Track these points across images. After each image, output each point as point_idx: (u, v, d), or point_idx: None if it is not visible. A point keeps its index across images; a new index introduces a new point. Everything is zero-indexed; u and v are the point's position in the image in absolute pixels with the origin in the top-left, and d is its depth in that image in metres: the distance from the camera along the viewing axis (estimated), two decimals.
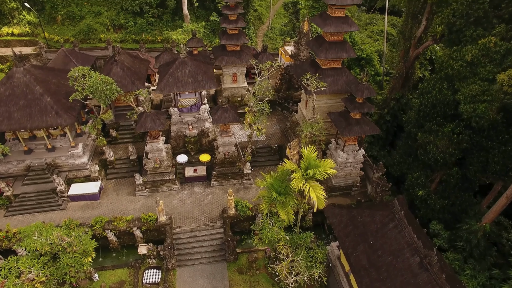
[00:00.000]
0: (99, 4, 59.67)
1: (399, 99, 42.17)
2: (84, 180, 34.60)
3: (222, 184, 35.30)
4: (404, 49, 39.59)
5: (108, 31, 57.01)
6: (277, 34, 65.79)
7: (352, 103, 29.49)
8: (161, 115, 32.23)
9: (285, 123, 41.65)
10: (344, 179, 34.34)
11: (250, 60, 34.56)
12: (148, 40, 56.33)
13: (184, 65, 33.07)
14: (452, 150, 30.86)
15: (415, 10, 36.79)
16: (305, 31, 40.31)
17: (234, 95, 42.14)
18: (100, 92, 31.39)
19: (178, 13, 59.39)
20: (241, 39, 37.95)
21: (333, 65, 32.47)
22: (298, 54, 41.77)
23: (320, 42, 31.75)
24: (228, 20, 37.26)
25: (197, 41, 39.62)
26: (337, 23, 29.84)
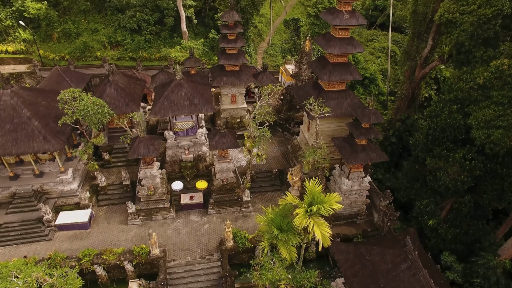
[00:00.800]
0: (96, 21, 58.65)
1: (405, 120, 40.47)
2: (74, 208, 32.63)
3: (220, 212, 33.32)
4: (410, 69, 38.11)
5: (105, 49, 55.77)
6: (278, 51, 64.62)
7: (358, 128, 27.76)
8: (155, 140, 30.48)
9: (286, 146, 39.87)
10: (349, 207, 32.39)
11: (250, 84, 32.97)
12: (145, 58, 55.03)
13: (180, 87, 31.47)
14: (464, 177, 28.98)
15: (420, 29, 35.43)
16: (306, 51, 38.90)
17: (233, 116, 40.48)
18: (91, 116, 29.73)
19: (176, 30, 58.30)
20: (240, 59, 36.49)
21: (337, 88, 30.87)
22: (300, 73, 40.28)
23: (323, 64, 30.21)
24: (226, 40, 35.85)
25: (194, 61, 38.16)
26: (341, 44, 28.33)
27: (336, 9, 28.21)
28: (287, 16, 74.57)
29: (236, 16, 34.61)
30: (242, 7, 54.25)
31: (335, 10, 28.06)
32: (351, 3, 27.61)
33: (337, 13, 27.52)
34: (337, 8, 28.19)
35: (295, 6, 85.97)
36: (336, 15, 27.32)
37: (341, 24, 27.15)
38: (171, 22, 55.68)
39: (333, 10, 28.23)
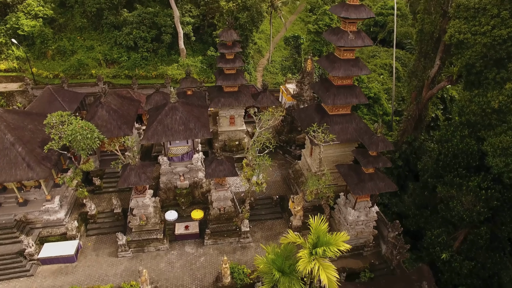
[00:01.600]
0: (92, 38, 57.34)
1: (412, 143, 38.61)
2: (60, 239, 30.37)
3: (217, 243, 31.07)
4: (416, 89, 36.40)
5: (100, 66, 54.29)
6: (278, 68, 63.23)
7: (365, 156, 25.79)
8: (147, 168, 28.47)
9: (287, 170, 37.85)
10: (355, 239, 30.13)
11: (249, 110, 31.14)
12: (141, 76, 53.51)
13: (175, 111, 29.63)
14: (479, 208, 26.90)
15: (427, 49, 33.84)
16: (308, 70, 37.25)
17: (232, 138, 38.58)
18: (80, 141, 27.80)
19: (174, 48, 56.96)
20: (239, 80, 34.80)
21: (342, 111, 29.04)
22: (301, 94, 38.56)
23: (327, 86, 28.43)
24: (224, 59, 34.21)
25: (191, 81, 36.46)
26: (346, 66, 26.61)
27: (340, 29, 26.59)
28: (287, 33, 73.57)
29: (234, 35, 33.04)
30: (241, 24, 53.04)
31: (339, 30, 26.43)
32: (356, 23, 26.00)
33: (342, 33, 25.88)
34: (341, 28, 26.57)
35: (295, 22, 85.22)
36: (340, 36, 25.66)
37: (346, 45, 25.48)
38: (169, 39, 54.35)
39: (337, 30, 26.61)
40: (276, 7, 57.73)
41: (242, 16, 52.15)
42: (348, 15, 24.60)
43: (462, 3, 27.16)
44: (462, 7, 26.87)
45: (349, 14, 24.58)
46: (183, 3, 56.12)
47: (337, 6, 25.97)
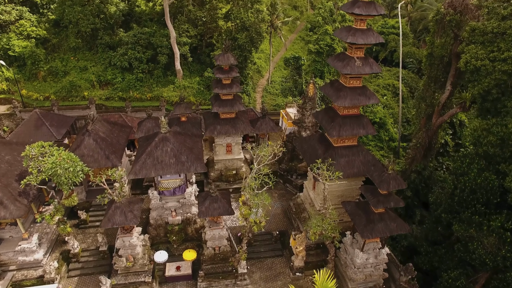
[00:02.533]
0: (86, 58, 55.49)
1: (421, 172, 36.05)
2: (36, 283, 27.45)
3: (211, 285, 28.11)
4: (426, 115, 34.09)
5: (94, 88, 52.22)
6: (278, 89, 61.16)
7: (374, 195, 23.20)
8: (135, 205, 25.85)
9: (288, 201, 35.19)
10: (364, 283, 27.26)
11: (246, 147, 28.73)
12: (136, 98, 51.38)
13: (166, 142, 27.19)
14: (505, 252, 24.13)
15: (437, 74, 31.68)
16: (310, 95, 35.01)
17: (228, 167, 36.05)
18: (61, 175, 25.28)
19: (170, 68, 55.00)
20: (236, 106, 32.51)
21: (347, 143, 26.60)
22: (303, 120, 36.23)
23: (331, 116, 26.06)
24: (221, 85, 32.00)
25: (185, 107, 34.18)
26: (353, 95, 24.31)
27: (346, 54, 24.40)
28: (287, 52, 71.99)
29: (231, 59, 30.91)
30: (240, 44, 51.20)
31: (345, 56, 24.23)
32: (363, 48, 23.83)
33: (348, 59, 23.67)
34: (347, 54, 24.38)
35: (295, 41, 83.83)
36: (346, 62, 23.43)
37: (352, 73, 23.24)
38: (165, 60, 52.43)
39: (343, 56, 24.40)
40: (276, 27, 56.10)
41: (241, 37, 50.36)
42: (355, 40, 22.45)
43: (477, 27, 25.08)
44: (478, 31, 24.80)
45: (356, 40, 22.42)
46: (180, 23, 54.48)
47: (342, 30, 23.85)
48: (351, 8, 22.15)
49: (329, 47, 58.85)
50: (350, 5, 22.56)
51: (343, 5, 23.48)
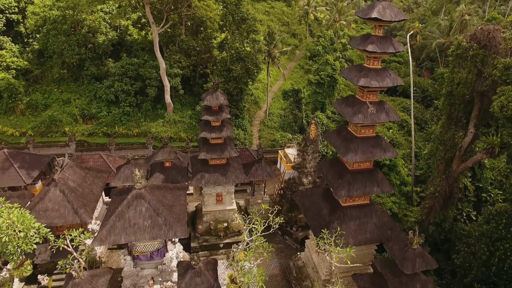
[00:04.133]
0: (71, 90, 51.81)
1: (441, 224, 31.37)
2: None
3: None
4: (445, 161, 29.74)
5: (76, 123, 48.19)
6: (276, 122, 57.21)
7: (395, 274, 18.49)
8: (99, 279, 21.06)
9: (287, 260, 30.31)
10: None
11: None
12: (121, 134, 47.25)
13: (140, 201, 22.69)
14: None
15: (458, 115, 27.59)
16: (311, 138, 30.77)
17: (219, 219, 31.39)
18: (7, 244, 20.59)
19: (160, 101, 51.22)
20: (227, 151, 28.19)
21: (358, 202, 22.10)
22: (304, 165, 31.88)
23: (339, 170, 21.69)
24: (209, 127, 27.81)
25: (169, 152, 29.93)
26: (365, 147, 20.03)
27: (357, 99, 20.29)
28: (286, 83, 68.64)
29: (221, 98, 26.88)
30: (235, 76, 47.58)
31: (355, 101, 20.10)
32: (377, 92, 19.75)
33: (359, 105, 19.53)
34: (357, 98, 20.27)
35: (294, 70, 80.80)
36: (357, 109, 19.28)
37: (366, 122, 19.05)
38: (154, 92, 48.71)
39: (353, 101, 20.27)
40: (274, 57, 52.74)
41: (236, 68, 46.79)
42: (367, 83, 18.41)
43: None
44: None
45: (369, 82, 18.39)
46: (171, 53, 51.15)
47: (352, 70, 19.83)
48: (363, 44, 18.24)
49: (331, 78, 55.29)
50: (361, 40, 18.66)
51: (352, 41, 19.58)
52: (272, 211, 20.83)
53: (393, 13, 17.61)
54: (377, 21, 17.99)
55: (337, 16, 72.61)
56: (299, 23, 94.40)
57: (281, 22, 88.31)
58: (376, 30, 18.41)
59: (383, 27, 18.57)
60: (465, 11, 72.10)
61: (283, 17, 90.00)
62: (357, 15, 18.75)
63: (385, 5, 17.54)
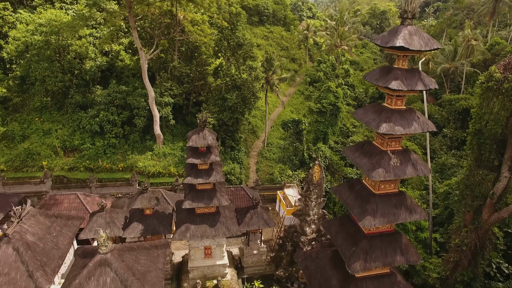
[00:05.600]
0: (53, 120, 47.87)
1: (470, 283, 26.63)
2: None
3: None
4: (473, 210, 25.37)
5: (57, 155, 43.98)
6: (275, 153, 53.09)
7: None
8: None
9: None
10: None
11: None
12: (105, 168, 42.96)
13: (105, 269, 18.21)
14: None
15: (490, 156, 23.48)
16: (315, 181, 26.49)
17: (207, 275, 26.70)
18: None
19: (150, 132, 47.22)
20: (216, 199, 23.90)
21: (375, 271, 17.55)
22: (306, 212, 27.48)
23: (352, 233, 17.32)
24: (195, 171, 23.63)
25: (149, 198, 25.62)
26: (385, 208, 15.74)
27: (374, 146, 16.18)
28: (285, 112, 65.04)
29: (209, 138, 22.83)
30: (231, 106, 43.83)
31: (373, 149, 15.96)
32: (400, 139, 15.65)
33: (378, 156, 15.40)
34: (375, 145, 16.17)
35: (293, 95, 77.52)
36: (376, 161, 15.13)
37: (388, 178, 14.84)
38: (142, 123, 44.79)
39: (370, 148, 16.13)
40: (272, 84, 49.21)
41: (231, 97, 43.09)
42: (390, 130, 14.36)
43: None
44: None
45: (393, 129, 14.31)
46: (162, 80, 47.57)
47: (368, 111, 15.81)
48: (384, 80, 14.33)
49: (333, 106, 51.63)
50: (381, 75, 14.75)
51: (369, 75, 15.67)
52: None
53: (422, 40, 13.78)
54: (402, 51, 14.14)
55: (338, 41, 69.80)
56: (299, 47, 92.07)
57: (280, 46, 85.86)
58: (400, 61, 14.55)
59: (408, 58, 14.67)
60: (471, 36, 69.40)
61: (282, 41, 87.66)
62: (375, 43, 14.97)
63: (411, 30, 13.73)
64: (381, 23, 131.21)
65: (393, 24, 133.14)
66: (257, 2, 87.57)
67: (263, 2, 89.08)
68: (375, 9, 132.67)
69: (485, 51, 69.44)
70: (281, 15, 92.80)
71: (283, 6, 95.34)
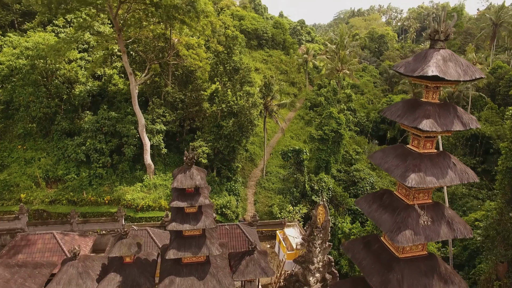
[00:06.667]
0: (37, 147, 44.83)
1: None
2: None
3: None
4: (507, 260, 21.97)
5: (38, 187, 40.66)
6: (274, 182, 49.86)
7: None
8: None
9: None
10: None
11: None
12: (90, 202, 39.59)
13: None
14: None
15: None
16: (319, 224, 23.15)
17: None
18: None
19: (140, 161, 44.09)
20: (206, 248, 20.57)
21: None
22: (310, 259, 23.87)
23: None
24: (181, 215, 20.39)
25: (128, 245, 22.21)
26: (412, 278, 12.41)
27: (397, 198, 13.06)
28: (285, 139, 62.26)
29: (197, 178, 19.73)
30: (226, 134, 40.97)
31: (395, 203, 12.84)
32: (430, 190, 12.55)
33: (403, 212, 12.27)
34: (398, 197, 13.04)
35: (293, 120, 74.96)
36: (401, 219, 11.95)
37: (418, 242, 11.66)
38: (131, 152, 41.74)
39: (391, 200, 13.01)
40: (271, 111, 46.57)
41: (227, 125, 40.27)
42: (421, 182, 11.28)
43: None
44: None
45: (423, 181, 11.23)
46: (155, 106, 44.91)
47: (389, 154, 12.84)
48: (411, 118, 11.43)
49: (335, 133, 48.85)
50: (406, 111, 11.85)
51: (390, 110, 12.77)
52: None
53: (460, 68, 11.00)
54: (434, 81, 11.27)
55: (339, 65, 67.83)
56: (298, 71, 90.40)
57: (279, 70, 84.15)
58: (430, 94, 11.73)
59: (440, 90, 11.80)
60: (476, 60, 67.68)
61: (281, 65, 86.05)
62: (396, 71, 12.19)
63: (445, 55, 10.95)
64: (379, 46, 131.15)
65: (391, 47, 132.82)
66: (256, 26, 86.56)
67: (262, 26, 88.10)
68: (373, 33, 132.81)
69: (488, 74, 67.60)
70: (280, 39, 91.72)
71: (282, 30, 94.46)
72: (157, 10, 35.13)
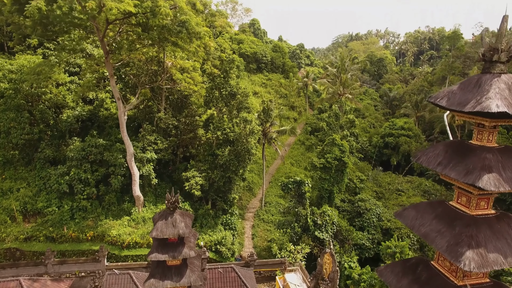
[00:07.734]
0: (17, 177, 41.53)
1: None
2: None
3: None
4: None
5: (13, 222, 37.11)
6: (274, 214, 46.35)
7: None
8: None
9: None
10: None
11: None
12: (70, 238, 35.98)
13: None
14: None
15: None
16: (326, 275, 19.68)
17: None
18: None
19: (129, 191, 40.72)
20: None
21: None
22: None
23: None
24: (162, 269, 16.92)
25: None
26: None
27: (436, 272, 9.71)
28: (284, 167, 59.13)
29: (180, 226, 16.40)
30: (222, 163, 37.83)
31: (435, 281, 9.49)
32: None
33: None
34: (437, 271, 9.71)
35: (293, 146, 71.96)
36: None
37: None
38: (119, 183, 38.43)
39: (429, 276, 9.67)
40: (270, 138, 43.67)
41: (223, 154, 37.21)
42: (483, 265, 8.01)
43: None
44: None
45: (486, 262, 7.88)
46: (146, 133, 41.95)
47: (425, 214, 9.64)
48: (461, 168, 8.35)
49: (339, 161, 45.73)
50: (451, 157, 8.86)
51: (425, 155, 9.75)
52: None
53: None
54: (495, 119, 8.25)
55: (341, 89, 65.51)
56: (298, 95, 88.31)
57: (279, 94, 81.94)
58: (485, 135, 8.63)
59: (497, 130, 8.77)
60: None
61: (280, 89, 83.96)
62: (436, 104, 9.27)
63: (510, 82, 7.92)
64: (379, 69, 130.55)
65: (390, 71, 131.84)
66: (255, 49, 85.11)
67: (261, 49, 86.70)
68: (372, 56, 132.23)
69: None
70: (279, 62, 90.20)
71: (282, 53, 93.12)
72: (145, 31, 32.77)
